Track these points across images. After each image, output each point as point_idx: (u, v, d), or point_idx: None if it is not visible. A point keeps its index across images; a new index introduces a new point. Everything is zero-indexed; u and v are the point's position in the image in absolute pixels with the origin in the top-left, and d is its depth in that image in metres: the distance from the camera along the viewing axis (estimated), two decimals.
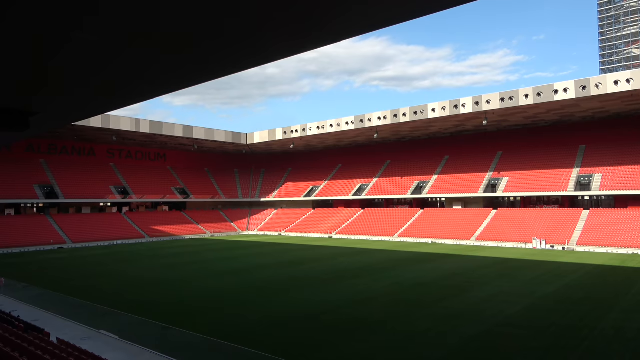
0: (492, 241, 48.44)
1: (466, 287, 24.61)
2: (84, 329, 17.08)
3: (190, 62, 9.55)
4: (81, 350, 11.71)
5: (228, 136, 69.04)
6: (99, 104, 14.12)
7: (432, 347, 14.75)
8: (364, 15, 7.30)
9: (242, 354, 14.16)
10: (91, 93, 11.90)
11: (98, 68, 9.57)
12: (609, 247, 41.46)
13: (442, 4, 7.17)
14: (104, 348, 14.56)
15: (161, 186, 70.80)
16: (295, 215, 73.61)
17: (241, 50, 8.71)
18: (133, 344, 15.11)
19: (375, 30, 8.16)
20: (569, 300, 21.17)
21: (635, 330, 16.26)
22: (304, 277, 28.94)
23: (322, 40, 8.54)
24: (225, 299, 22.56)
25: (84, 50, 8.23)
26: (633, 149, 50.37)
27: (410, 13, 7.40)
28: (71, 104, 13.26)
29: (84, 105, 13.82)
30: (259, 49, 8.64)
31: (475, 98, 48.75)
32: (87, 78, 10.34)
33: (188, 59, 9.32)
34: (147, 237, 60.13)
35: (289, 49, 8.99)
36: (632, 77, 39.79)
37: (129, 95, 12.79)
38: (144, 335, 16.26)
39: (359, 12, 7.13)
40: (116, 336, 16.04)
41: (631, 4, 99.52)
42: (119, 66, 9.51)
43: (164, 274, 31.02)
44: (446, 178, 61.62)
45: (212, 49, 8.72)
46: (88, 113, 17.02)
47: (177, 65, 9.75)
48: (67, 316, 18.98)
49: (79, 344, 13.49)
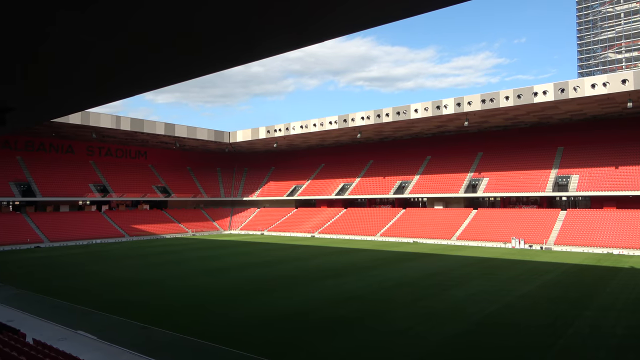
0: (473, 241, 49.09)
1: (447, 286, 24.90)
2: (61, 330, 16.76)
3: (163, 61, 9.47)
4: (58, 351, 11.50)
5: (210, 134, 68.47)
6: (85, 99, 13.82)
7: (414, 346, 14.89)
8: (354, 14, 7.34)
9: (224, 354, 14.08)
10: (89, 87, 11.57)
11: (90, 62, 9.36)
12: (585, 247, 42.41)
13: (426, 6, 7.26)
14: (82, 349, 14.31)
15: (142, 184, 69.86)
16: (277, 215, 73.43)
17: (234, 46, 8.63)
18: (112, 345, 14.89)
19: (366, 29, 8.21)
20: (546, 299, 21.60)
21: (609, 328, 16.68)
22: (286, 276, 28.90)
23: (317, 37, 8.48)
24: (207, 299, 22.39)
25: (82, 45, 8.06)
26: (608, 150, 51.62)
27: (403, 12, 7.45)
28: (51, 100, 13.02)
29: (65, 102, 13.57)
30: (253, 45, 8.56)
31: (457, 99, 49.32)
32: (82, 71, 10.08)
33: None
34: (127, 237, 59.28)
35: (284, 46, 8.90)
36: (609, 80, 40.76)
37: (118, 90, 12.57)
38: (124, 336, 16.04)
39: (349, 11, 7.16)
40: (94, 336, 15.78)
41: (608, 9, 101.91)
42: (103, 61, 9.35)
43: (144, 273, 30.62)
44: (428, 178, 62.21)
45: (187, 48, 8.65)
46: (69, 109, 16.69)
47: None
48: (44, 316, 18.59)
49: (56, 344, 13.24)
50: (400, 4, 7.06)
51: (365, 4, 6.88)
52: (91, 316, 18.83)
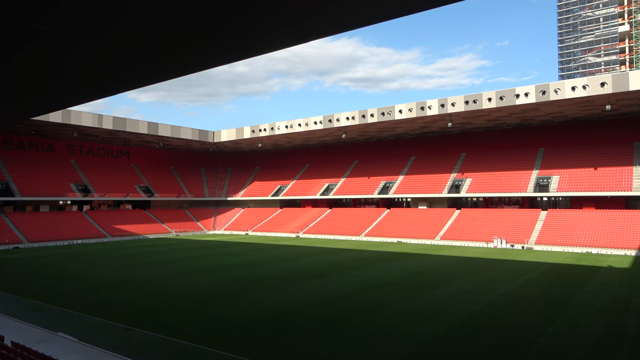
0: (456, 240, 49.60)
1: (430, 286, 25.12)
2: (40, 332, 16.45)
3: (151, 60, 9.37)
4: (37, 354, 11.29)
5: (195, 134, 67.90)
6: (67, 97, 13.56)
7: (398, 345, 14.98)
8: (339, 15, 7.36)
9: (207, 354, 13.99)
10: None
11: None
12: (565, 246, 43.19)
13: (411, 8, 7.32)
14: (62, 351, 14.07)
15: (124, 184, 68.94)
16: (262, 215, 73.18)
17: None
18: (93, 347, 14.66)
19: (350, 30, 8.25)
20: (527, 298, 21.94)
21: (588, 326, 17.02)
22: (271, 276, 28.83)
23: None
24: (191, 300, 22.20)
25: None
26: (588, 152, 52.67)
27: (392, 13, 7.50)
28: (33, 97, 12.76)
29: (46, 100, 13.31)
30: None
31: (440, 100, 49.79)
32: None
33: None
34: (109, 237, 58.45)
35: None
36: (588, 83, 41.58)
37: (107, 87, 12.35)
38: (105, 337, 15.82)
39: (334, 11, 7.18)
40: (75, 338, 15.52)
41: (587, 13, 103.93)
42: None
43: (126, 274, 30.23)
44: (412, 178, 62.66)
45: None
46: (51, 107, 16.37)
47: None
48: (23, 318, 18.22)
49: (35, 347, 13.00)
50: (388, 5, 7.11)
51: (350, 5, 6.92)
52: (72, 318, 18.53)
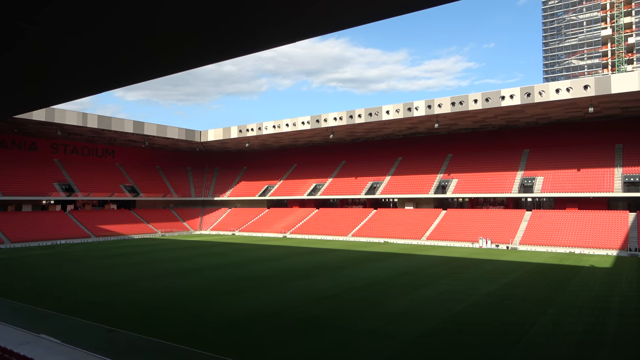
0: (442, 240, 49.99)
1: (416, 286, 25.28)
2: (22, 334, 16.18)
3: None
4: (19, 356, 11.11)
5: (181, 133, 67.39)
6: (53, 95, 13.27)
7: (384, 345, 15.05)
8: (327, 15, 7.35)
9: (192, 355, 13.90)
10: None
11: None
12: (549, 246, 43.82)
13: (399, 10, 7.35)
14: (44, 353, 13.87)
15: (109, 184, 68.14)
16: (249, 215, 72.92)
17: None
18: (76, 348, 14.47)
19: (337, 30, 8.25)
20: (511, 297, 22.21)
21: (571, 325, 17.29)
22: (257, 277, 28.75)
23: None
24: (177, 301, 22.04)
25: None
26: (571, 153, 53.52)
27: (379, 14, 7.51)
28: (16, 95, 12.53)
29: (30, 97, 13.05)
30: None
31: (427, 101, 50.14)
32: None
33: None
34: (93, 237, 57.71)
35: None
36: (572, 86, 42.25)
37: (107, 80, 11.99)
38: (89, 339, 15.62)
39: (321, 12, 7.17)
40: (57, 340, 15.30)
41: (571, 17, 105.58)
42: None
43: (111, 275, 29.88)
44: (399, 179, 63.00)
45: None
46: (34, 105, 16.01)
47: None
48: (4, 320, 17.90)
49: (17, 349, 12.78)
50: (377, 6, 7.13)
51: (337, 6, 6.93)
52: (54, 319, 18.27)
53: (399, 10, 7.26)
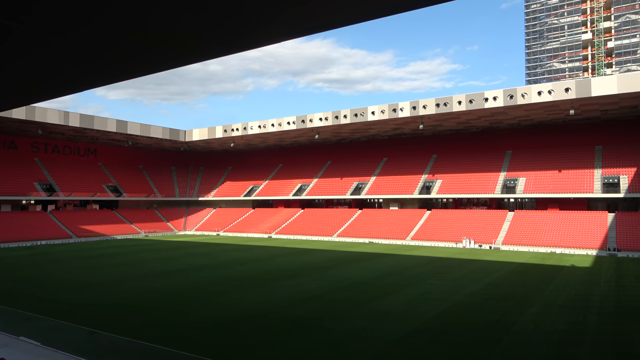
0: (426, 241, 50.40)
1: (401, 286, 25.45)
2: (1, 336, 15.85)
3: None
4: None
5: (165, 133, 66.72)
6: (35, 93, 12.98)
7: (370, 345, 15.13)
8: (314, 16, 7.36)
9: (176, 357, 13.77)
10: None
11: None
12: (531, 246, 44.51)
13: (385, 11, 7.39)
14: (24, 356, 13.61)
15: (91, 183, 67.13)
16: (234, 215, 72.55)
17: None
18: (57, 351, 14.23)
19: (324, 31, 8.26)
20: (494, 297, 22.50)
21: (552, 324, 17.59)
22: (243, 277, 28.62)
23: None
24: (160, 301, 21.82)
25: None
26: (553, 155, 54.44)
27: (372, 14, 7.53)
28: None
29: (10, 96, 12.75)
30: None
31: (412, 103, 50.51)
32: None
33: None
34: (74, 237, 56.80)
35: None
36: (553, 88, 42.98)
37: (78, 83, 11.83)
38: (70, 341, 15.38)
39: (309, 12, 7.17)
40: (38, 342, 15.03)
41: (553, 21, 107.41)
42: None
43: (93, 275, 29.44)
44: (384, 179, 63.33)
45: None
46: (15, 103, 15.62)
47: None
48: None
49: None
50: (364, 6, 7.15)
51: (325, 6, 6.95)
52: (35, 321, 17.94)
53: (388, 11, 7.30)
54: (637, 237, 41.69)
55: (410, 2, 6.94)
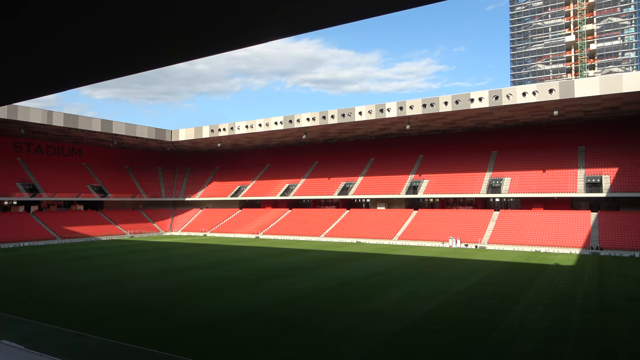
0: (413, 240, 50.72)
1: (388, 285, 25.58)
2: None
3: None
4: None
5: (151, 132, 66.08)
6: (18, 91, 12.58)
7: (358, 344, 15.18)
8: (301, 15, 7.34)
9: (164, 359, 13.66)
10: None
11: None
12: (516, 246, 45.06)
13: (369, 12, 7.42)
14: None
15: (76, 184, 66.19)
16: (221, 216, 72.17)
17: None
18: (41, 354, 13.98)
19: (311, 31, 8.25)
20: (480, 296, 22.75)
21: (536, 322, 17.84)
22: (230, 278, 28.50)
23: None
24: (147, 303, 21.61)
25: None
26: (537, 155, 55.21)
27: (361, 13, 7.53)
28: None
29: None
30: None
31: (399, 103, 50.78)
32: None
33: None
34: (58, 239, 55.96)
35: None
36: (538, 89, 43.58)
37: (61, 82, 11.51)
38: (55, 344, 15.16)
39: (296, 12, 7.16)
40: (21, 346, 14.76)
41: (537, 23, 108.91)
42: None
43: (77, 277, 29.04)
44: (371, 180, 63.56)
45: None
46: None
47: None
48: None
49: None
50: (350, 6, 7.16)
51: (312, 7, 6.95)
52: (18, 324, 17.63)
53: (382, 10, 7.31)
54: (618, 236, 42.48)
55: (399, 3, 6.98)
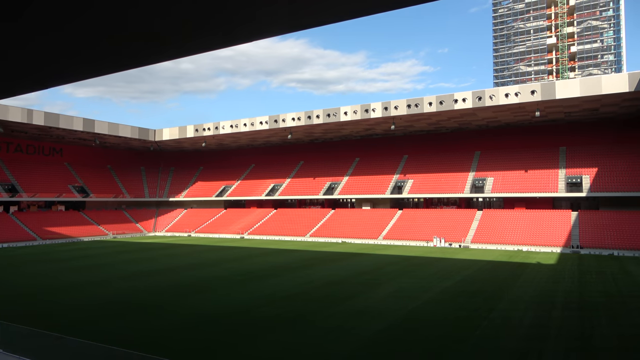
0: (398, 240, 51.02)
1: (373, 284, 25.68)
2: None
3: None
4: None
5: (134, 132, 65.26)
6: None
7: (343, 343, 15.21)
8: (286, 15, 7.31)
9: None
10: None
11: None
12: (499, 244, 45.65)
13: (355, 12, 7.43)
14: None
15: (57, 184, 65.04)
16: (206, 216, 71.64)
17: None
18: (20, 357, 13.72)
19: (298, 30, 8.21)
20: (464, 294, 22.99)
21: (519, 319, 18.12)
22: (215, 278, 28.30)
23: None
24: (130, 304, 21.34)
25: None
26: (519, 155, 56.01)
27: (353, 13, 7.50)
28: None
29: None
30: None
31: (384, 103, 51.03)
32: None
33: None
34: (39, 240, 54.92)
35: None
36: (520, 91, 44.21)
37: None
38: (35, 347, 14.86)
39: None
40: (0, 350, 14.47)
41: (519, 25, 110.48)
42: None
43: (58, 279, 28.54)
44: (357, 179, 63.75)
45: None
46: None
47: None
48: None
49: None
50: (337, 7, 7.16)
51: (303, 7, 6.94)
52: None
53: (372, 10, 7.31)
54: (598, 235, 43.33)
55: (387, 3, 7.01)
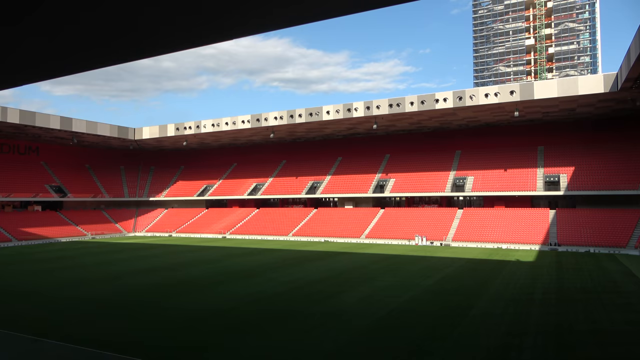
0: (380, 238, 51.32)
1: (356, 283, 25.78)
2: None
3: None
4: None
5: (113, 130, 64.20)
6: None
7: (325, 342, 15.22)
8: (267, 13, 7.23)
9: None
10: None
11: None
12: (479, 242, 46.31)
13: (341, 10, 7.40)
14: None
15: (33, 183, 63.57)
16: (187, 215, 70.91)
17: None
18: None
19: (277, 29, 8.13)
20: (445, 292, 23.25)
21: (499, 316, 18.40)
22: (195, 279, 28.04)
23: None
24: (107, 306, 20.98)
25: None
26: (498, 155, 56.89)
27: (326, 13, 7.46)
28: None
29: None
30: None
31: (366, 103, 51.26)
32: None
33: None
34: (14, 241, 53.60)
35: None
36: (499, 91, 44.90)
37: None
38: (10, 350, 14.48)
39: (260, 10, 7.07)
40: None
41: (499, 26, 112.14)
42: None
43: (34, 281, 27.90)
44: (339, 179, 63.90)
45: None
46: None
47: None
48: None
49: None
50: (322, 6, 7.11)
51: (281, 6, 6.89)
52: None
53: (357, 8, 7.27)
54: (575, 233, 44.30)
55: (366, 2, 6.99)
